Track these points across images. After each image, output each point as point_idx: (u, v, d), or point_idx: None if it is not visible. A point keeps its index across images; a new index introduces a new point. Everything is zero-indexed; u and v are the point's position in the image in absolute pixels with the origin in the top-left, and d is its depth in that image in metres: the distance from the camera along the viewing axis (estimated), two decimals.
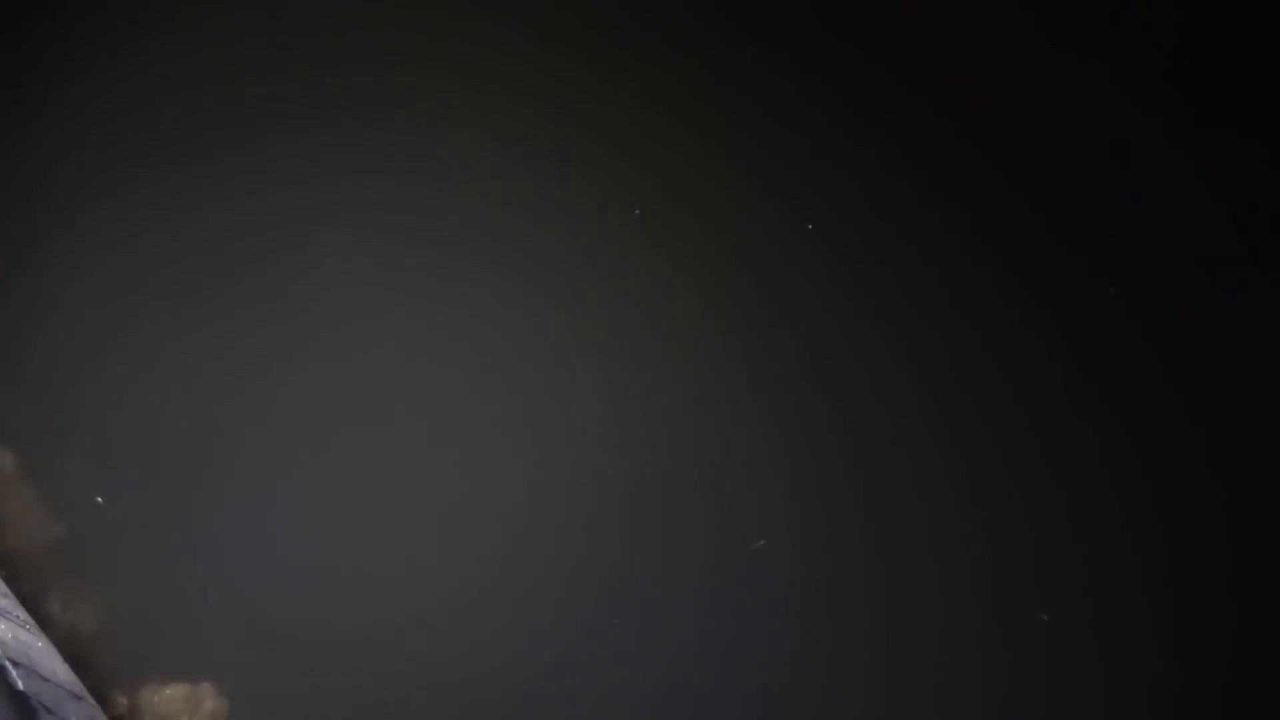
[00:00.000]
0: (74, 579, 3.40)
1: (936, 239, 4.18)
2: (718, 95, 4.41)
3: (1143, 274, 4.12)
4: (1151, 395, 3.95)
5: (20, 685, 1.34)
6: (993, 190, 4.28)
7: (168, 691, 3.24)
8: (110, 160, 4.12)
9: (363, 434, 3.75)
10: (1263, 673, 3.55)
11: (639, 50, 4.47)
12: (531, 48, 4.43)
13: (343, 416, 3.77)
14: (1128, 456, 3.86)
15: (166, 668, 3.29)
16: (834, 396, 3.94)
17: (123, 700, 3.19)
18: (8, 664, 1.38)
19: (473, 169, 4.20)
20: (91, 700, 1.66)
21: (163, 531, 3.53)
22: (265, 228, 4.06)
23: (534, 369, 3.91)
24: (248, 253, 4.01)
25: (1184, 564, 3.69)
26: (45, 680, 1.51)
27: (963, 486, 3.79)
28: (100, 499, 3.42)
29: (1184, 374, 3.98)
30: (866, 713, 3.47)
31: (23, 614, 1.75)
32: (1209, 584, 3.66)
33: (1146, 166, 4.30)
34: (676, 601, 3.56)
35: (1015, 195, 4.27)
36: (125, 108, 4.20)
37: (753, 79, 4.43)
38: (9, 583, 3.27)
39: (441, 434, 3.79)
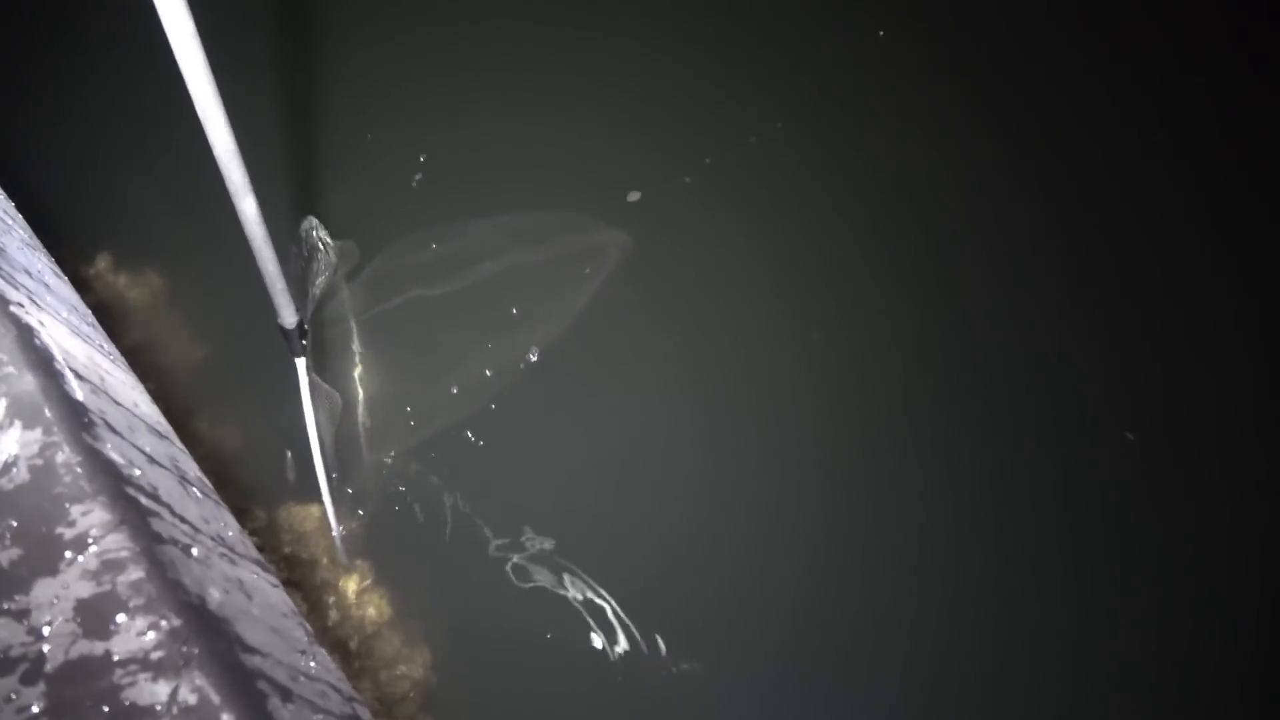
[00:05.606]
0: (221, 400, 3.43)
1: None
2: None
3: None
4: None
5: (78, 395, 1.13)
6: None
7: (304, 511, 3.23)
8: None
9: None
10: None
11: None
12: None
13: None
14: None
15: (304, 492, 3.27)
16: None
17: (261, 514, 3.20)
18: (67, 372, 1.17)
19: None
20: (179, 444, 1.48)
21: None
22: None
23: None
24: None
25: None
26: (118, 405, 1.32)
27: None
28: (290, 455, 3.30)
29: None
30: None
31: (110, 346, 1.59)
32: None
33: None
34: None
35: None
36: None
37: None
38: (163, 400, 3.30)
39: None
